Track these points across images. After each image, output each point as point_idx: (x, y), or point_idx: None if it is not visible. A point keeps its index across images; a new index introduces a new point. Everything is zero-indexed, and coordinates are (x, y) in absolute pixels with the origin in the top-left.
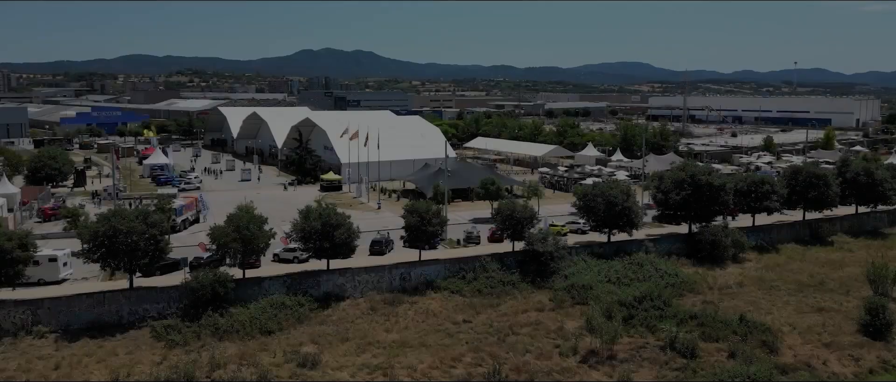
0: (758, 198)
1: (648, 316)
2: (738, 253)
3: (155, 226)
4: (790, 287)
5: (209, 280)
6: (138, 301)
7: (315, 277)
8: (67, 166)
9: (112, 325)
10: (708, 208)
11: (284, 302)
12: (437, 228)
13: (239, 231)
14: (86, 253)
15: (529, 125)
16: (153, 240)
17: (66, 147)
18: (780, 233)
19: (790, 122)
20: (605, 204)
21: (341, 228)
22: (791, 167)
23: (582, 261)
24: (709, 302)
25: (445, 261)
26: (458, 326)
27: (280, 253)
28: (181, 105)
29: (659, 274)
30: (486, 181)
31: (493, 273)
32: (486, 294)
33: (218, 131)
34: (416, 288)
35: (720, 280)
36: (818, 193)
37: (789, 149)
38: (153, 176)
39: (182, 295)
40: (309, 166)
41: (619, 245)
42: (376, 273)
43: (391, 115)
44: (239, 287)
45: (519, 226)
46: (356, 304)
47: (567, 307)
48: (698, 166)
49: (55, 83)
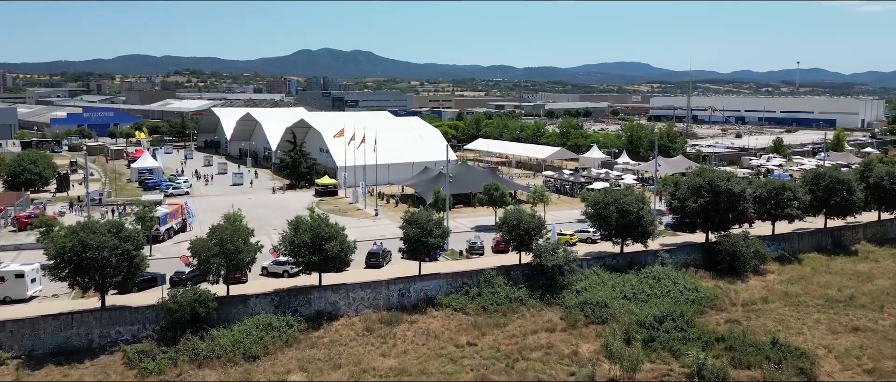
0: (778, 206)
1: (671, 338)
2: (760, 264)
3: (129, 240)
4: (819, 302)
5: (188, 300)
6: (110, 322)
7: (306, 294)
8: (48, 170)
9: (81, 350)
10: (726, 216)
11: (271, 323)
12: (439, 240)
13: (222, 245)
14: (52, 270)
15: (531, 126)
16: (127, 256)
17: (54, 149)
18: (801, 242)
19: (794, 123)
20: (619, 212)
21: (334, 241)
22: (812, 172)
23: (594, 275)
24: (733, 320)
25: (447, 275)
26: (462, 350)
27: (269, 267)
28: (176, 105)
29: (677, 288)
30: (489, 186)
31: (499, 288)
32: (491, 311)
33: (212, 132)
34: (415, 304)
35: (743, 294)
36: (841, 199)
37: (798, 151)
38: (141, 180)
39: (159, 316)
40: (303, 170)
41: (633, 256)
42: (372, 289)
43: (389, 116)
44: (222, 306)
45: (526, 237)
46: (350, 324)
47: (581, 326)
48: (716, 171)
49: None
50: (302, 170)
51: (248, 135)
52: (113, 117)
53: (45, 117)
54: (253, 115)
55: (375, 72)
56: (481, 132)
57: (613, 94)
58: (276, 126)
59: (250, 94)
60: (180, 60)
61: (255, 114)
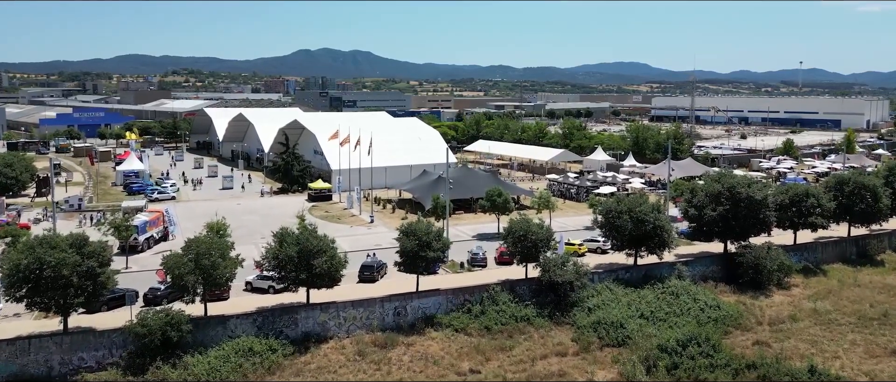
0: (800, 213)
1: (696, 365)
2: (783, 277)
3: (93, 256)
4: (851, 320)
5: (159, 323)
6: (73, 348)
7: (292, 313)
8: (26, 174)
9: (39, 379)
10: (747, 225)
11: (253, 347)
12: (439, 253)
13: (197, 260)
14: (6, 290)
15: (533, 127)
16: (90, 274)
17: (41, 150)
18: (824, 252)
19: (798, 124)
20: (634, 221)
21: (323, 256)
22: (836, 176)
23: (607, 290)
24: (762, 342)
25: (447, 292)
26: (465, 378)
27: (253, 282)
28: (170, 106)
29: (698, 305)
30: (491, 192)
31: (504, 305)
32: (496, 332)
33: (204, 133)
34: (412, 324)
35: (769, 311)
36: (866, 206)
37: (808, 153)
38: (126, 183)
39: (127, 341)
40: (296, 173)
41: (648, 269)
42: (366, 307)
43: (387, 117)
44: (198, 328)
45: (534, 249)
46: (340, 347)
47: (595, 350)
48: (736, 177)
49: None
50: (294, 173)
51: (241, 136)
52: (104, 117)
53: (35, 117)
54: (245, 116)
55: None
56: (482, 133)
57: (613, 94)
58: (269, 127)
59: (248, 94)
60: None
61: (248, 115)
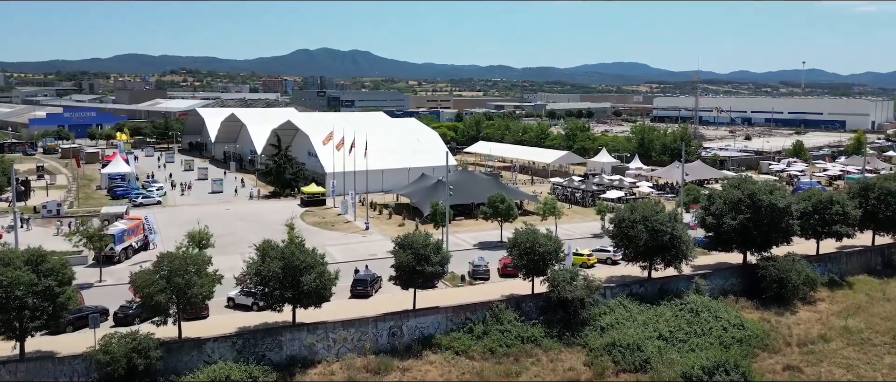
0: (824, 222)
1: None
2: (809, 291)
3: (52, 275)
4: (886, 340)
5: (124, 349)
6: (29, 376)
7: (276, 335)
8: (3, 177)
9: None
10: (769, 235)
11: (231, 376)
12: (438, 268)
13: (169, 278)
14: None
15: (534, 128)
16: (49, 294)
17: (27, 151)
18: (849, 263)
19: (802, 124)
20: (649, 231)
21: (311, 272)
22: (863, 181)
23: (621, 307)
24: (794, 367)
25: (447, 310)
26: None
27: (236, 298)
28: (164, 105)
29: (720, 324)
30: (494, 198)
31: (509, 324)
32: (500, 355)
33: (197, 134)
34: (408, 346)
35: (796, 330)
36: (892, 213)
37: (817, 155)
38: (111, 187)
39: (90, 368)
40: (288, 176)
41: (663, 282)
42: (358, 327)
43: (385, 117)
44: (170, 353)
45: (541, 262)
46: (330, 373)
47: (610, 375)
48: (757, 183)
49: (45, 82)
50: (287, 176)
51: (234, 137)
52: (95, 117)
53: (25, 117)
54: (238, 116)
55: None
56: (482, 134)
57: (613, 95)
58: (262, 127)
59: (245, 94)
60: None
61: (240, 115)
